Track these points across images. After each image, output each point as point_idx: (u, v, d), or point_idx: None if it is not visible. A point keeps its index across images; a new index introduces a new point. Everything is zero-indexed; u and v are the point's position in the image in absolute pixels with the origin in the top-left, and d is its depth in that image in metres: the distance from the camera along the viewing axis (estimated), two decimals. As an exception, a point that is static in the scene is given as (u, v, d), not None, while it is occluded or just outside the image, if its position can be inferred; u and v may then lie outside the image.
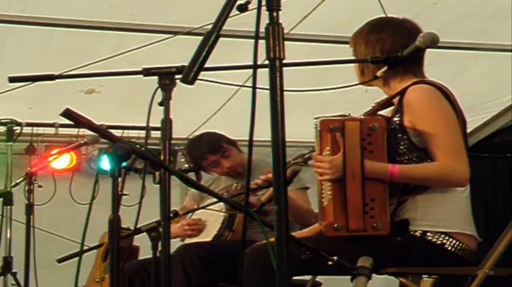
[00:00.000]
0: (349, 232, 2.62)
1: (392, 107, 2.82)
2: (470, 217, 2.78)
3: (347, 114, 2.71)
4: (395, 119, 2.72)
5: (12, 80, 2.77)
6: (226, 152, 4.16)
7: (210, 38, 1.92)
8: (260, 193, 3.73)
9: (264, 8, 1.82)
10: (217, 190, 4.15)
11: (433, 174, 2.67)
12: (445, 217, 2.69)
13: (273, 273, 1.79)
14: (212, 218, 4.01)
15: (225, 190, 4.21)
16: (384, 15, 3.71)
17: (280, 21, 1.82)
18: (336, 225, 2.63)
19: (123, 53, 4.46)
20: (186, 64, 1.96)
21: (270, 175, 3.31)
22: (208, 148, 4.16)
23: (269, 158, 1.96)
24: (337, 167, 2.62)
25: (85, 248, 2.91)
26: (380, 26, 2.86)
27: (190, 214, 4.11)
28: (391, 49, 2.78)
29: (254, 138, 1.90)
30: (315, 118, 2.73)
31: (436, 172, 2.66)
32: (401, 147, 2.70)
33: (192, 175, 4.43)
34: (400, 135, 2.70)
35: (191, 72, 1.93)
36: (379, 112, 2.84)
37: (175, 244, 3.88)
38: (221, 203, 3.79)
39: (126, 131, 5.48)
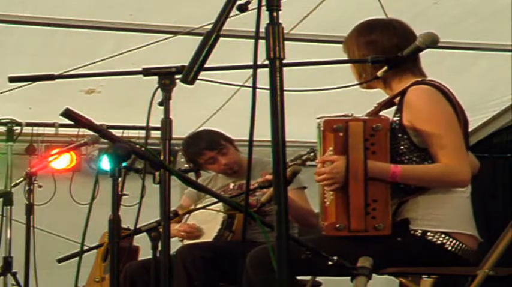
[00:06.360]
0: (351, 232, 2.62)
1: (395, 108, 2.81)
2: (472, 217, 2.78)
3: (350, 114, 2.70)
4: (395, 118, 2.72)
5: (12, 80, 2.76)
6: (223, 149, 4.15)
7: (210, 38, 1.92)
8: (258, 193, 3.73)
9: (264, 8, 1.82)
10: (214, 189, 4.13)
11: (435, 175, 2.66)
12: (446, 217, 2.69)
13: (274, 275, 1.78)
14: (211, 218, 4.00)
15: (221, 189, 4.20)
16: (382, 16, 3.72)
17: (280, 21, 1.82)
18: (337, 225, 2.63)
19: (123, 53, 4.46)
20: (186, 64, 1.96)
21: (269, 177, 3.32)
22: (207, 144, 4.14)
23: (268, 157, 1.96)
24: (339, 173, 2.62)
25: (85, 248, 2.91)
26: (369, 29, 2.85)
27: (187, 215, 4.10)
28: (384, 49, 2.77)
29: (254, 138, 1.90)
30: (318, 118, 2.72)
31: (438, 173, 2.66)
32: (402, 147, 2.69)
33: (192, 175, 4.42)
34: (400, 135, 2.69)
35: (191, 72, 1.93)
36: (381, 113, 2.84)
37: (175, 244, 3.88)
38: (220, 203, 3.78)
39: (126, 131, 5.48)
